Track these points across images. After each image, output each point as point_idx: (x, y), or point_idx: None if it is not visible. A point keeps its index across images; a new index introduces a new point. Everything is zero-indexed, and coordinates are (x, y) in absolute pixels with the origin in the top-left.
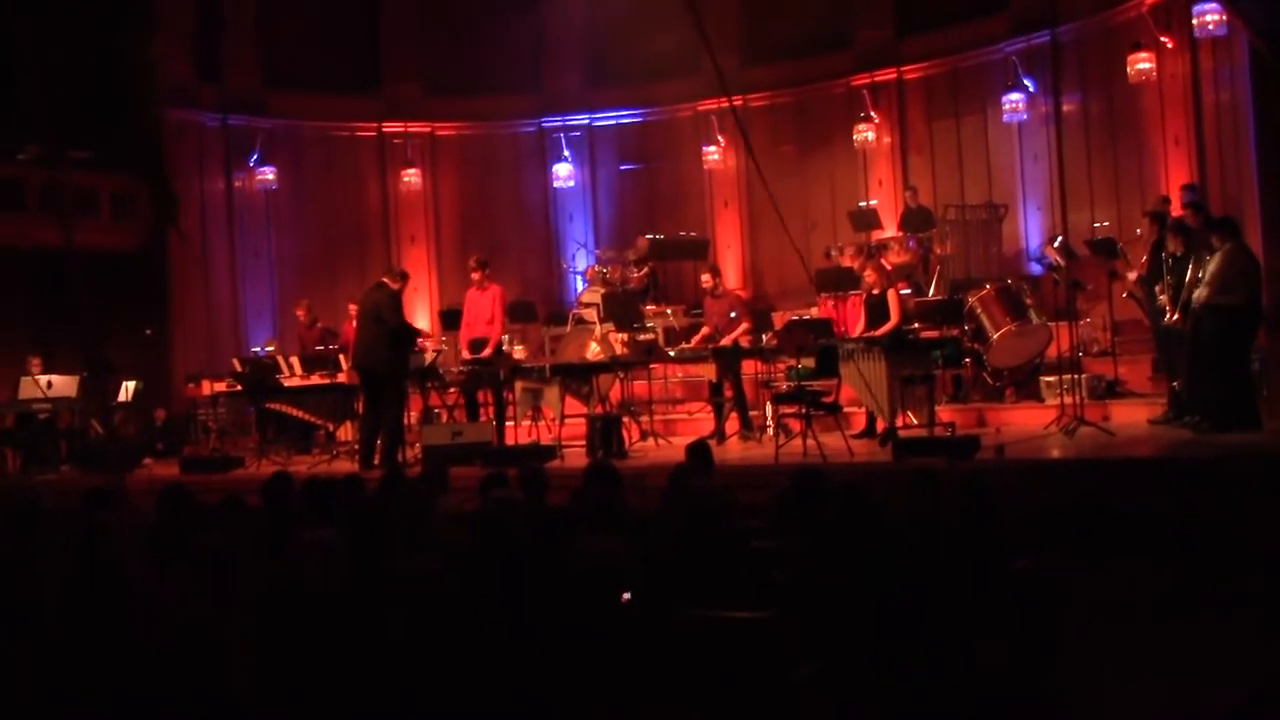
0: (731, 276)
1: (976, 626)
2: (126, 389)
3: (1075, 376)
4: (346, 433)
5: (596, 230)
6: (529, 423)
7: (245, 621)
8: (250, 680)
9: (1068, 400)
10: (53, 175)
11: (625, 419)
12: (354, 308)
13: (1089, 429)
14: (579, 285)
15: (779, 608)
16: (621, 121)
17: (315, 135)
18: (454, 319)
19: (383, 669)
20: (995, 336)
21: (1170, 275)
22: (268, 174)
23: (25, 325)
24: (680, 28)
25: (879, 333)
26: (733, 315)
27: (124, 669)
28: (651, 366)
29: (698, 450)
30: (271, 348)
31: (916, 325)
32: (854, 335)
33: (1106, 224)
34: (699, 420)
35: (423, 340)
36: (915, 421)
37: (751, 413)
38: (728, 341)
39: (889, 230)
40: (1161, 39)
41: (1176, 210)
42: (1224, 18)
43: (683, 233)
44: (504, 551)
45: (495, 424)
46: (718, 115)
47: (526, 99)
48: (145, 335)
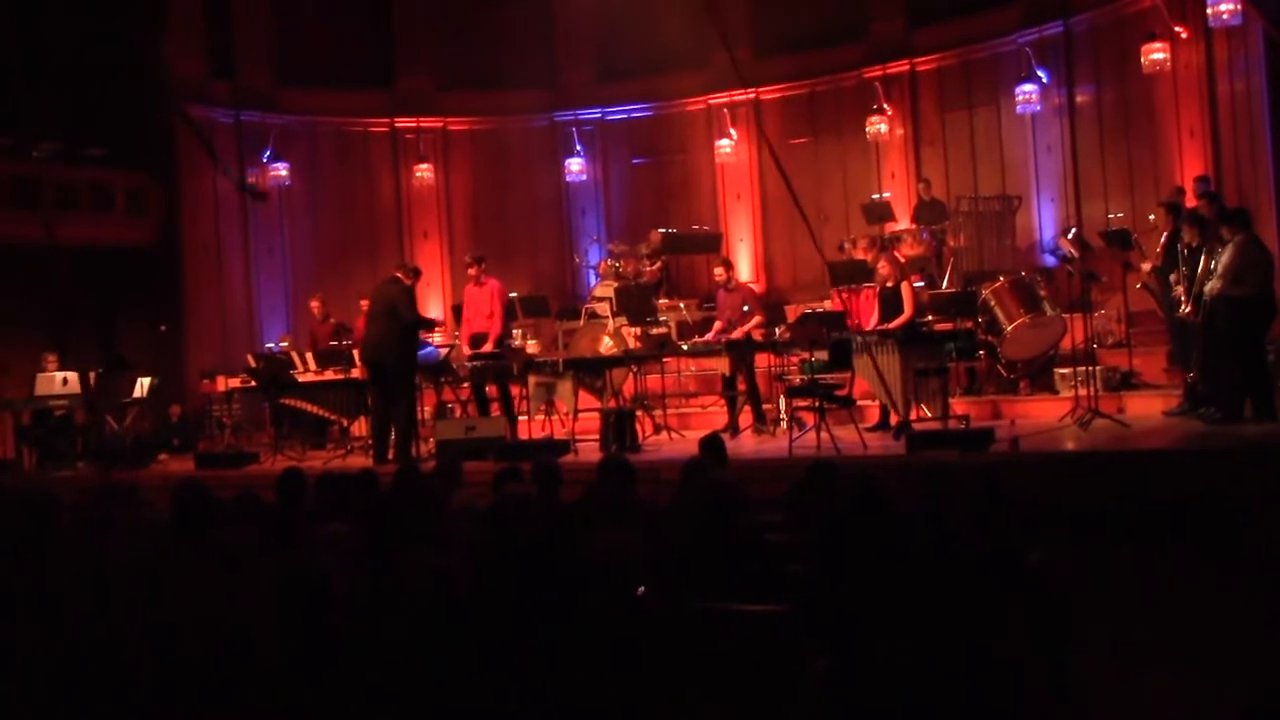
0: (744, 270)
1: (991, 619)
2: (141, 385)
3: (1090, 368)
4: (361, 428)
5: (609, 224)
6: (542, 417)
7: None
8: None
9: (1082, 392)
10: (65, 172)
11: (639, 413)
12: (365, 303)
13: (1104, 421)
14: (592, 279)
15: (793, 601)
16: (633, 115)
17: (328, 131)
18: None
19: (396, 664)
20: (1009, 329)
21: (1185, 266)
22: (281, 170)
23: (41, 322)
24: (691, 21)
25: (892, 325)
26: (745, 308)
27: (139, 664)
28: (664, 360)
29: (711, 444)
30: (285, 343)
31: (930, 318)
32: (867, 328)
33: (1120, 215)
34: (712, 414)
35: (436, 329)
36: (929, 414)
37: (765, 406)
38: (740, 334)
39: (902, 223)
40: (1175, 29)
41: (1191, 201)
42: (1238, 7)
43: (695, 226)
44: (518, 546)
45: (505, 418)
46: (729, 108)
47: (538, 93)
48: (160, 331)
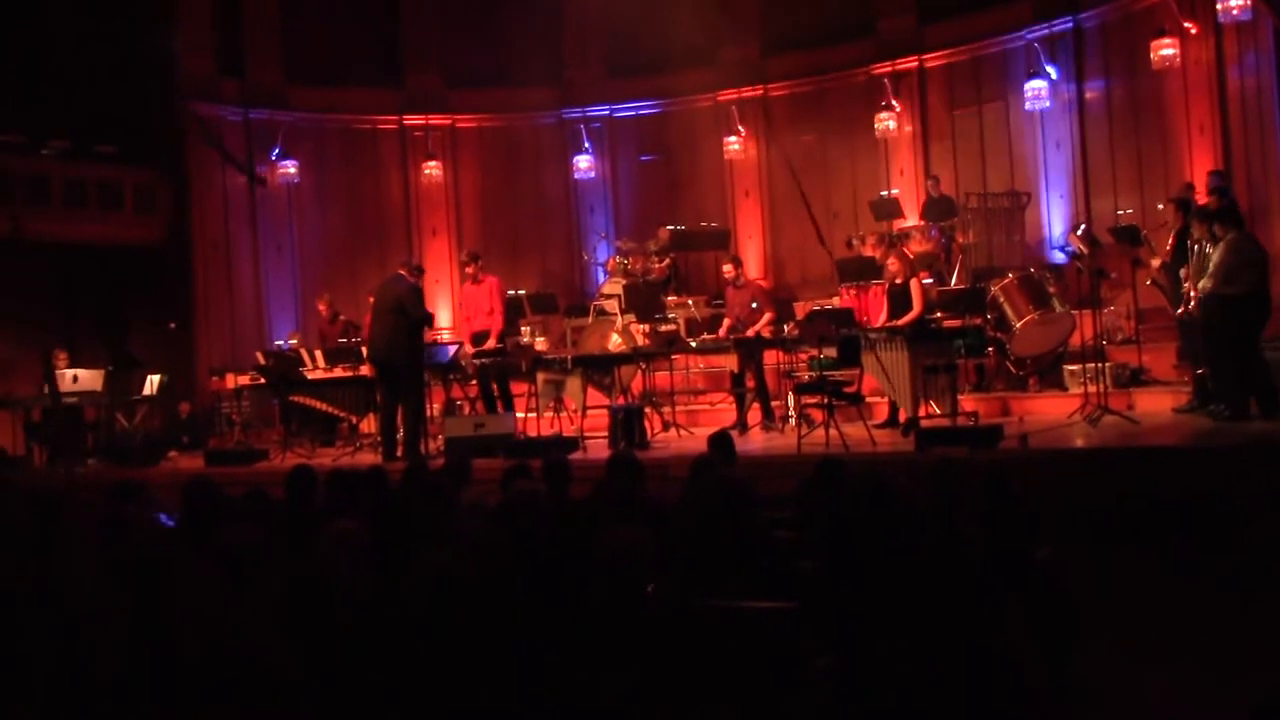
0: (752, 267)
1: (999, 616)
2: (151, 383)
3: (1099, 365)
4: (370, 425)
5: (617, 221)
6: (551, 414)
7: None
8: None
9: (1091, 389)
10: (74, 169)
11: (647, 410)
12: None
13: (1113, 418)
14: (600, 276)
15: (801, 598)
16: (641, 112)
17: (337, 128)
18: None
19: (404, 661)
20: (1018, 325)
21: (1194, 262)
22: (289, 167)
23: (51, 320)
24: (700, 18)
25: (901, 322)
26: (754, 305)
27: (151, 661)
28: (673, 357)
29: (720, 441)
30: (294, 341)
31: (939, 314)
32: (876, 325)
33: (1130, 211)
34: (721, 411)
35: (433, 331)
36: (938, 411)
37: (773, 403)
38: (753, 333)
39: (911, 219)
40: (1185, 24)
41: (1203, 197)
42: (1248, 2)
43: (703, 223)
44: (527, 543)
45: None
46: (738, 105)
47: (546, 91)
48: (169, 329)
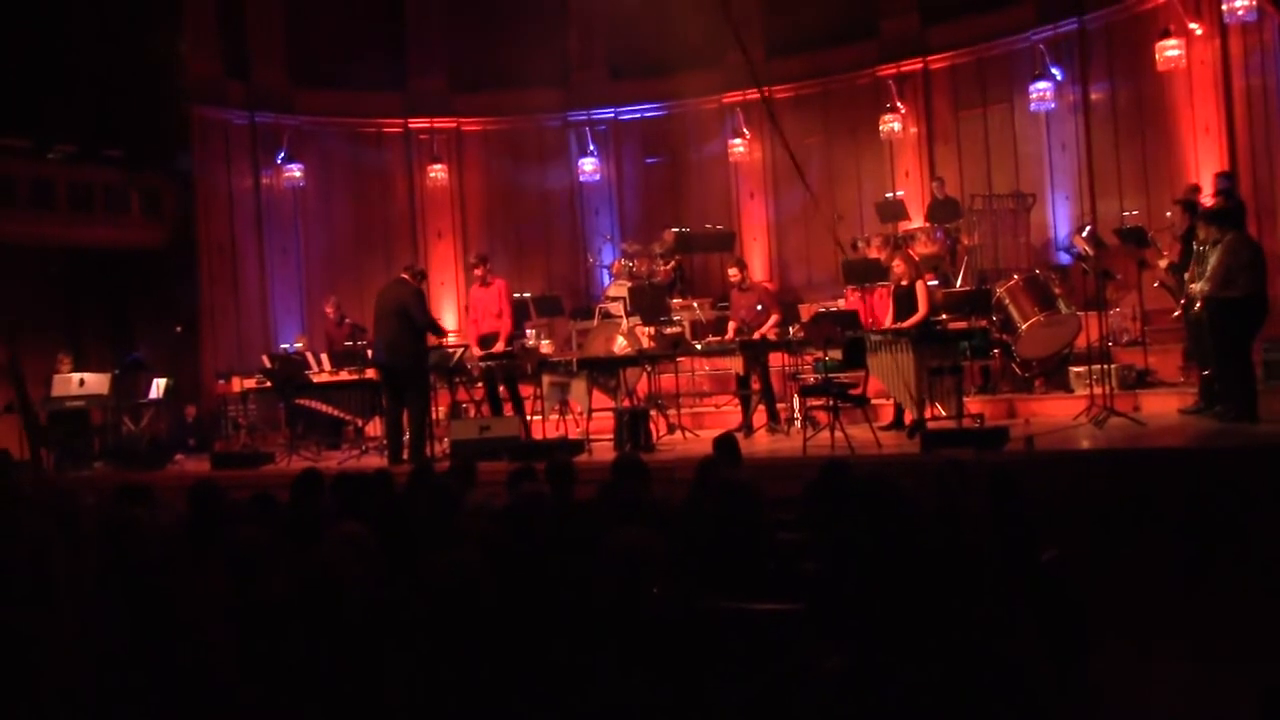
0: (758, 269)
1: (1006, 618)
2: (158, 386)
3: (1105, 367)
4: (375, 428)
5: (622, 224)
6: (556, 417)
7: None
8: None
9: (1097, 391)
10: (81, 173)
11: (652, 412)
12: None
13: (1119, 419)
14: (605, 279)
15: (807, 600)
16: (646, 115)
17: (342, 132)
18: None
19: (412, 662)
20: (1024, 327)
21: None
22: (295, 171)
23: (57, 323)
24: (704, 20)
25: (907, 324)
26: (759, 308)
27: (157, 663)
28: (678, 360)
29: (725, 443)
30: (300, 344)
31: (944, 316)
32: (882, 327)
33: (1135, 213)
34: (726, 413)
35: (441, 339)
36: (943, 413)
37: (779, 405)
38: (758, 335)
39: (916, 221)
40: (1190, 25)
41: (1209, 199)
42: (1253, 3)
43: (708, 225)
44: (533, 545)
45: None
46: (743, 107)
47: (551, 93)
48: (175, 333)
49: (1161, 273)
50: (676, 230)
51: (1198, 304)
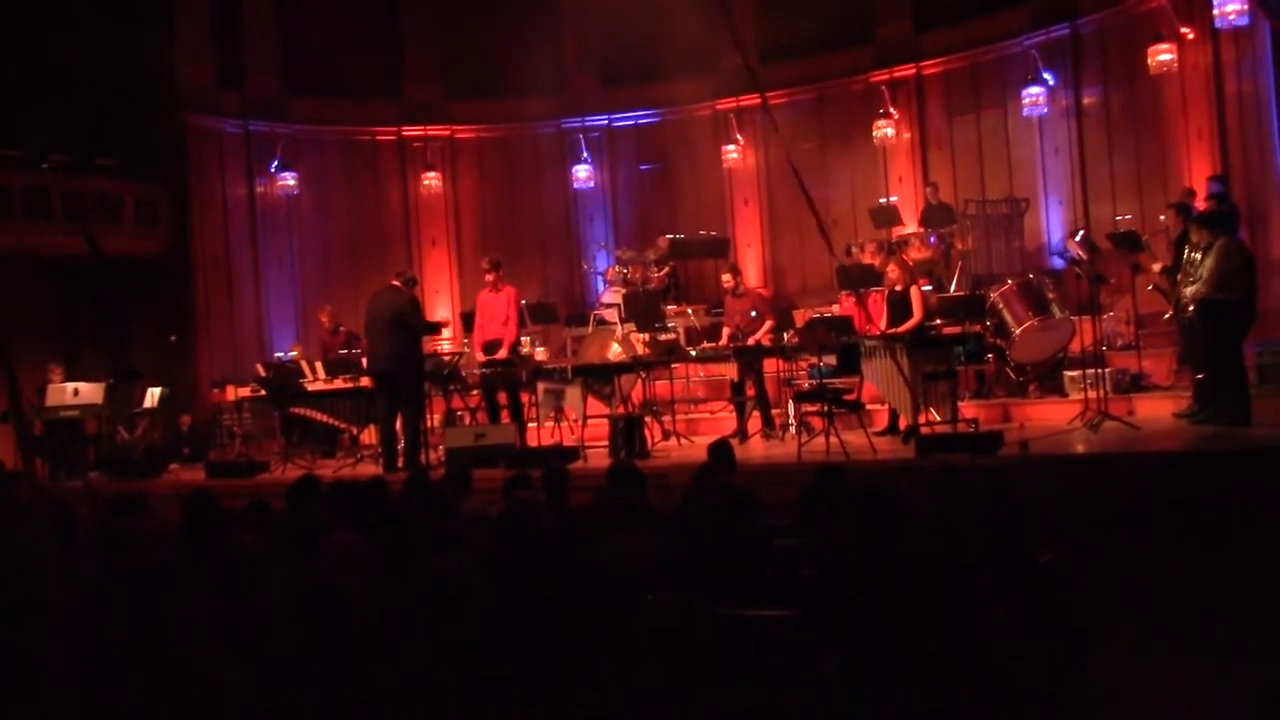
0: (752, 275)
1: (1002, 622)
2: (152, 395)
3: (1099, 371)
4: (371, 436)
5: (616, 231)
6: (551, 424)
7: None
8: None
9: (1091, 395)
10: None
11: (647, 419)
12: None
13: (1113, 423)
14: (600, 286)
15: (804, 606)
16: (640, 122)
17: (336, 140)
18: (473, 321)
19: (409, 668)
20: (1018, 332)
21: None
22: (289, 179)
23: (50, 332)
24: (698, 27)
25: (901, 329)
26: (754, 314)
27: (153, 672)
28: (673, 366)
29: (720, 449)
30: (295, 352)
31: (938, 321)
32: (876, 332)
33: (1129, 217)
34: (721, 419)
35: (440, 332)
36: (938, 418)
37: (773, 411)
38: (753, 341)
39: (910, 226)
40: (1182, 30)
41: (1202, 202)
42: (1245, 7)
43: (703, 232)
44: (528, 552)
45: (514, 425)
46: (736, 114)
47: (545, 101)
48: (170, 341)
49: (1155, 276)
50: (671, 237)
51: (1190, 308)
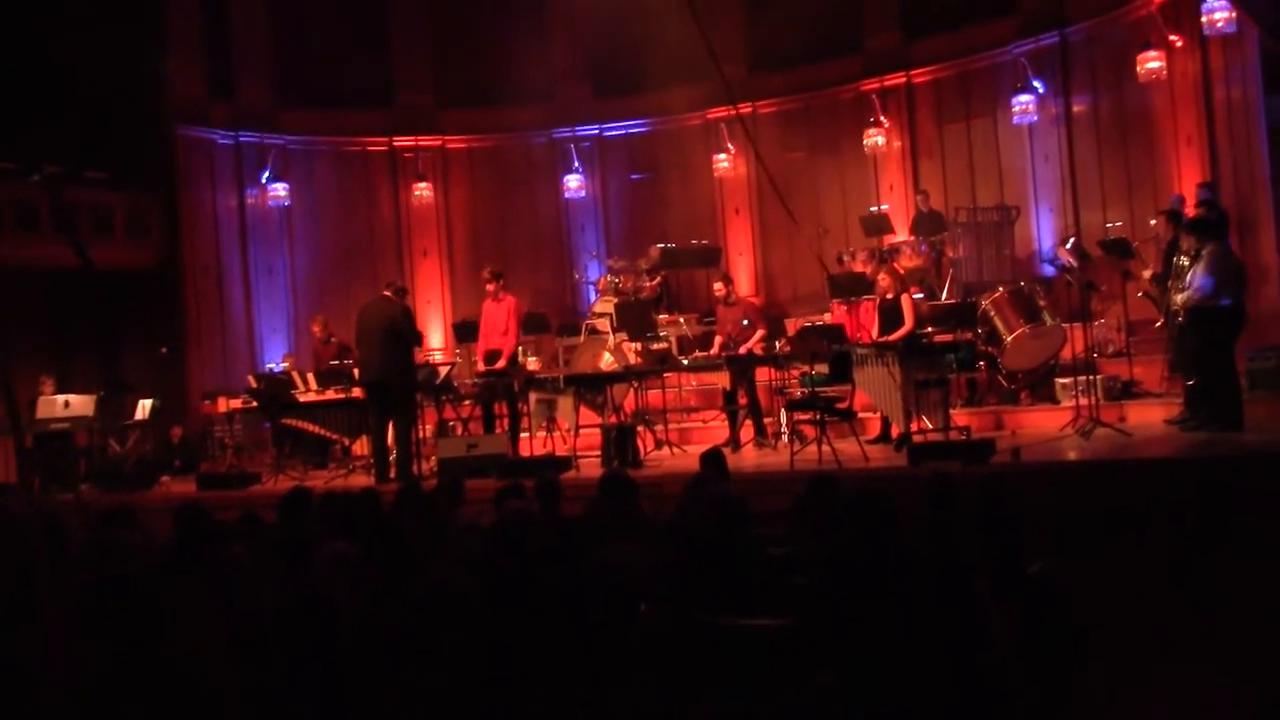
0: (743, 284)
1: (996, 630)
2: (143, 407)
3: (1090, 378)
4: (362, 447)
5: (608, 240)
6: (544, 434)
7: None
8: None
9: (1083, 402)
10: (66, 194)
11: (640, 428)
12: None
13: (1105, 430)
14: (591, 295)
15: (797, 614)
16: (631, 131)
17: (327, 151)
18: (467, 332)
19: (401, 680)
20: (1009, 339)
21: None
22: (280, 190)
23: (41, 345)
24: (688, 37)
25: (893, 337)
26: (745, 323)
27: (145, 685)
28: (665, 375)
29: (712, 458)
30: (287, 364)
31: (930, 329)
32: (868, 340)
33: (1119, 224)
34: (713, 428)
35: (424, 352)
36: (930, 426)
37: (766, 420)
38: (744, 350)
39: (900, 234)
40: (1171, 38)
41: (1191, 209)
42: (1233, 15)
43: (694, 241)
44: (521, 562)
45: (510, 435)
46: (727, 123)
47: (536, 111)
48: (161, 353)
49: (1145, 283)
50: (662, 246)
51: (1181, 314)
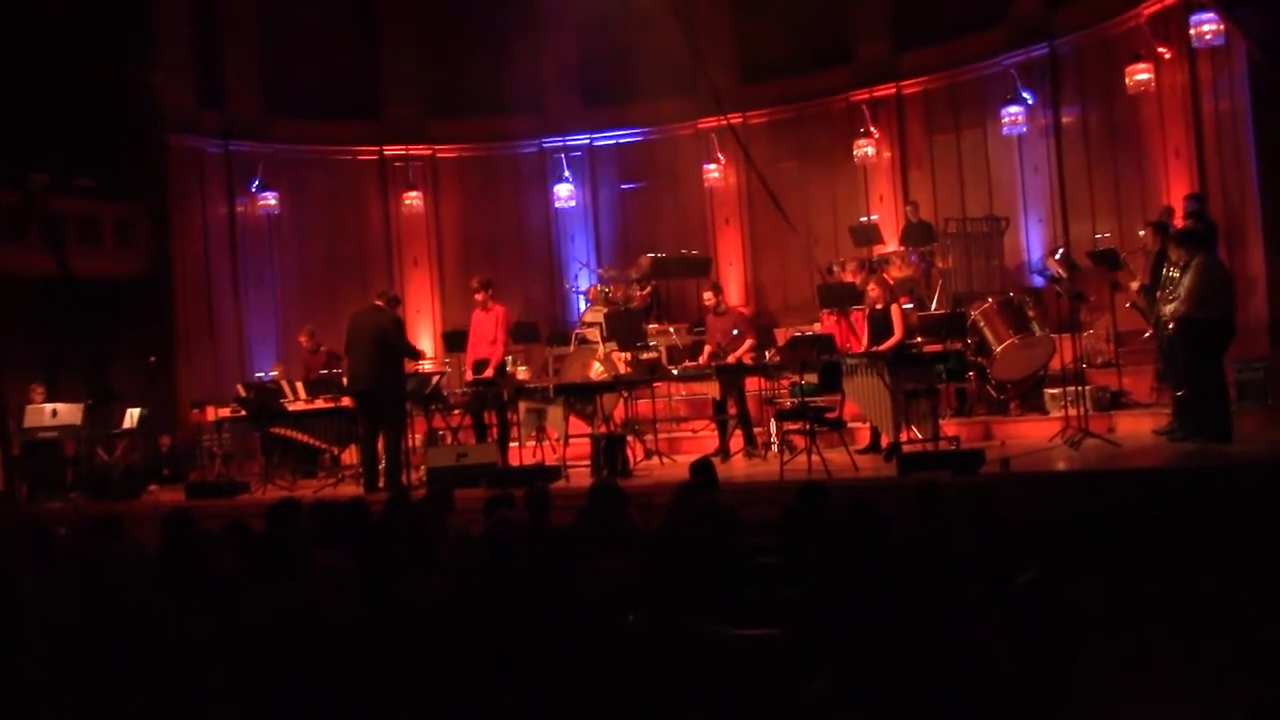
0: (733, 294)
1: (983, 640)
2: (131, 416)
3: (1079, 388)
4: (351, 456)
5: (598, 250)
6: (533, 443)
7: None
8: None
9: (1072, 412)
10: (54, 203)
11: (629, 438)
12: None
13: (1094, 441)
14: (581, 305)
15: (787, 624)
16: (621, 141)
17: (317, 160)
18: (456, 341)
19: (391, 688)
20: (998, 349)
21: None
22: (270, 199)
23: (29, 353)
24: (679, 47)
25: (882, 348)
26: (735, 332)
27: (132, 695)
28: (655, 385)
29: (701, 468)
30: (276, 373)
31: (919, 339)
32: (858, 350)
33: (1108, 235)
34: (703, 438)
35: (419, 363)
36: (919, 436)
37: (755, 430)
38: (734, 360)
39: (890, 245)
40: (1159, 50)
41: (1180, 220)
42: (1221, 27)
43: (684, 251)
44: (510, 572)
45: (499, 445)
46: (717, 133)
47: (526, 120)
48: (149, 362)
49: (1133, 294)
50: (652, 256)
51: (1170, 325)
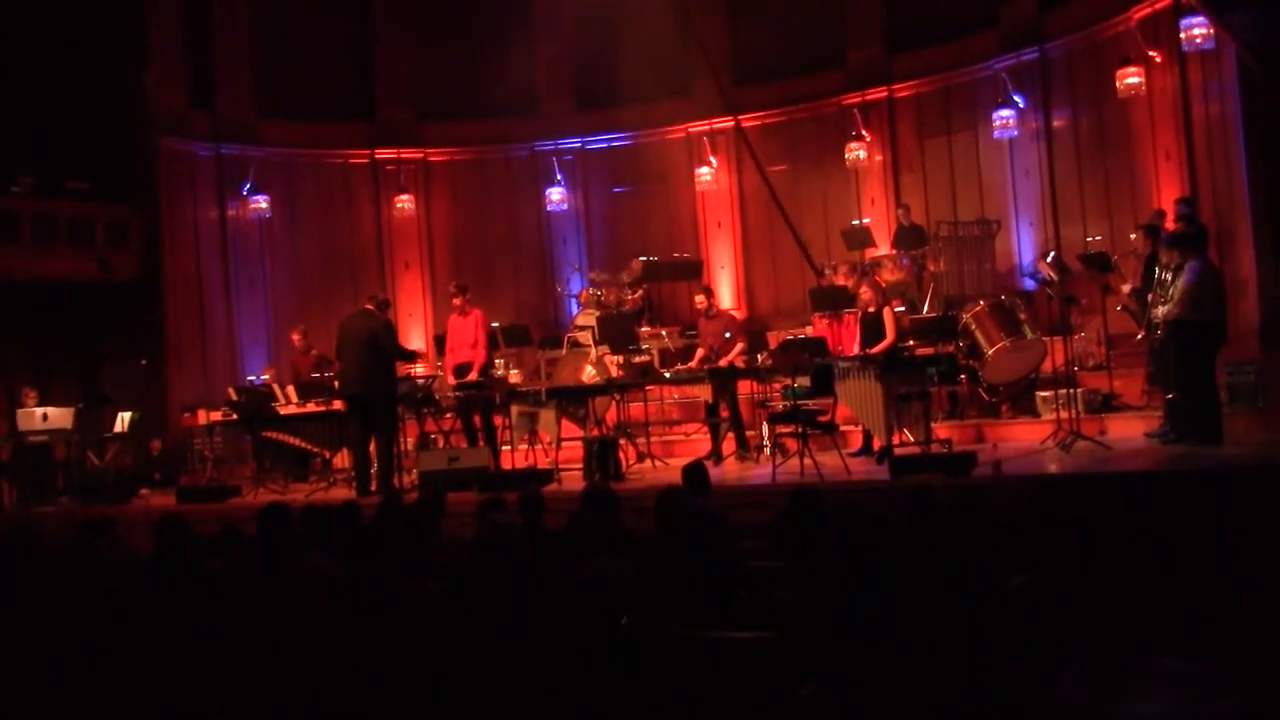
0: (725, 297)
1: (975, 643)
2: (122, 420)
3: (1070, 391)
4: (343, 460)
5: (590, 253)
6: (526, 447)
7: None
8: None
9: (1063, 415)
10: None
11: (622, 441)
12: None
13: (1085, 443)
14: (573, 308)
15: (779, 628)
16: (614, 144)
17: (308, 163)
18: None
19: (384, 691)
20: (990, 352)
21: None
22: (261, 202)
23: (19, 357)
24: (671, 50)
25: (874, 351)
26: (727, 335)
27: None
28: (647, 388)
29: (693, 471)
30: (267, 376)
31: (911, 343)
32: (850, 354)
33: (1099, 238)
34: (696, 441)
35: (418, 360)
36: (911, 439)
37: (748, 433)
38: (726, 363)
39: (882, 248)
40: (1150, 54)
41: (1171, 223)
42: (1212, 32)
43: (676, 254)
44: (503, 576)
45: (489, 448)
46: (709, 137)
47: (518, 123)
48: (140, 365)
49: (1124, 297)
50: (644, 259)
51: (1161, 328)
